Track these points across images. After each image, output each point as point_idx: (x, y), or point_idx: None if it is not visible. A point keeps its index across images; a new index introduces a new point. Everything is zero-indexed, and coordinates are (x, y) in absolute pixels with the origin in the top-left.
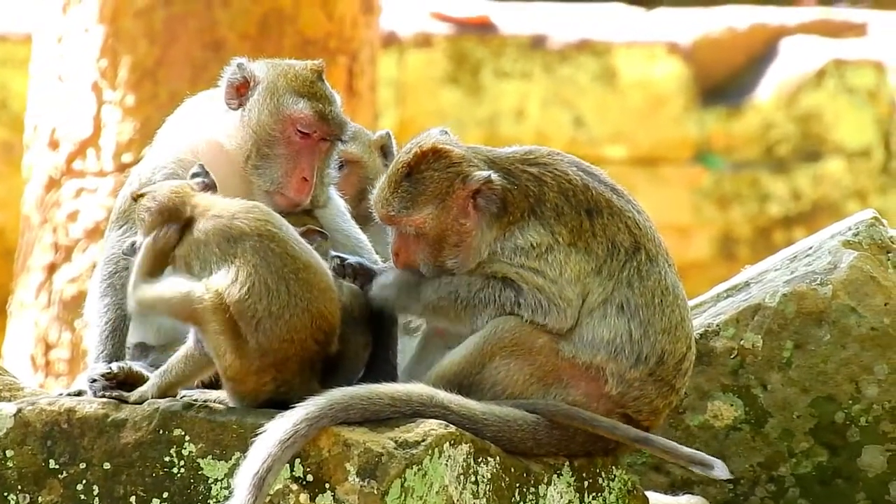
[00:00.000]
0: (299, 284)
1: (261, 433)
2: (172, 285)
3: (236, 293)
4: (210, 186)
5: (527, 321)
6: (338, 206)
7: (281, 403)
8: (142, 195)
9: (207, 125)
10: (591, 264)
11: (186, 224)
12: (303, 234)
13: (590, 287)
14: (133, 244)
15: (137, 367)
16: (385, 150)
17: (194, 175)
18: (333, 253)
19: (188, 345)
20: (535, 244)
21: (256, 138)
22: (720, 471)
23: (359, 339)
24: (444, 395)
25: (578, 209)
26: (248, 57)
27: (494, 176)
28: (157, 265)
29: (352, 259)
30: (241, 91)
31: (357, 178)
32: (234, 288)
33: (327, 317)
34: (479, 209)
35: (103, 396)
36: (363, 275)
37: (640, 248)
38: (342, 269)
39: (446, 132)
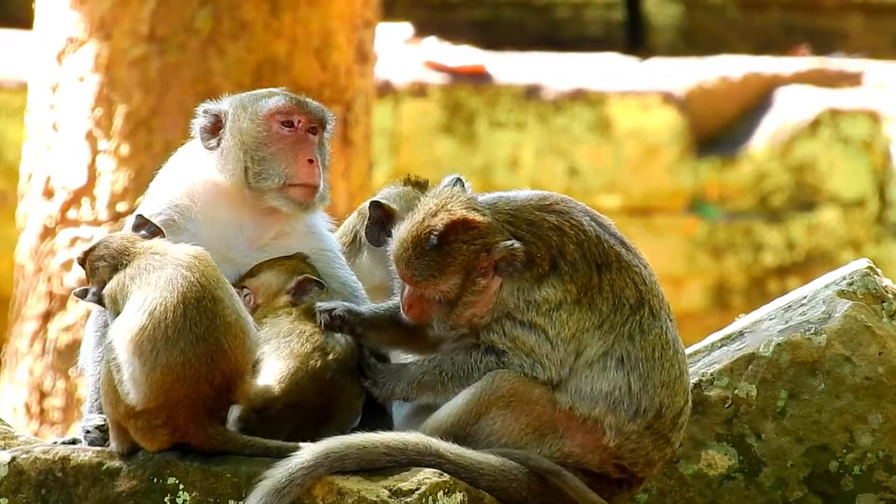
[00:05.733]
0: (198, 311)
1: (256, 482)
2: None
3: (137, 322)
4: (157, 233)
5: (522, 374)
6: (333, 251)
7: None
8: (92, 249)
9: (200, 169)
10: (592, 321)
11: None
12: (299, 284)
13: (587, 342)
14: (86, 289)
15: None
16: None
17: (137, 227)
18: (320, 305)
19: None
20: (548, 299)
21: (246, 148)
22: None
23: (353, 389)
24: (439, 444)
25: (590, 263)
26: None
27: (517, 244)
28: None
29: (339, 308)
30: (215, 131)
31: None
32: (136, 316)
33: (227, 352)
34: (500, 273)
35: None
36: (352, 321)
37: (644, 303)
38: (331, 323)
39: (461, 181)
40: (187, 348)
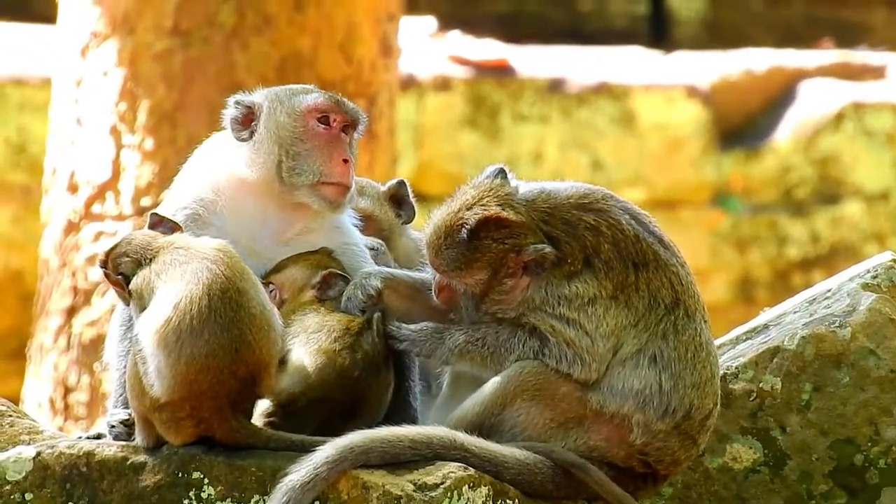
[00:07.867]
0: (223, 303)
1: (280, 476)
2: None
3: (163, 315)
4: (175, 228)
5: (551, 369)
6: (358, 245)
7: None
8: (114, 247)
9: (225, 163)
10: (629, 318)
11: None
12: (324, 279)
13: (623, 339)
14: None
15: None
16: (397, 199)
17: (153, 226)
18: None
19: None
20: (579, 294)
21: (281, 142)
22: None
23: (380, 385)
24: (464, 438)
25: (626, 261)
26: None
27: (548, 249)
28: None
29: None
30: (246, 122)
31: (371, 232)
32: (162, 309)
33: (251, 344)
34: (528, 273)
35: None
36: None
37: (680, 303)
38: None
39: (504, 172)
40: (212, 339)
